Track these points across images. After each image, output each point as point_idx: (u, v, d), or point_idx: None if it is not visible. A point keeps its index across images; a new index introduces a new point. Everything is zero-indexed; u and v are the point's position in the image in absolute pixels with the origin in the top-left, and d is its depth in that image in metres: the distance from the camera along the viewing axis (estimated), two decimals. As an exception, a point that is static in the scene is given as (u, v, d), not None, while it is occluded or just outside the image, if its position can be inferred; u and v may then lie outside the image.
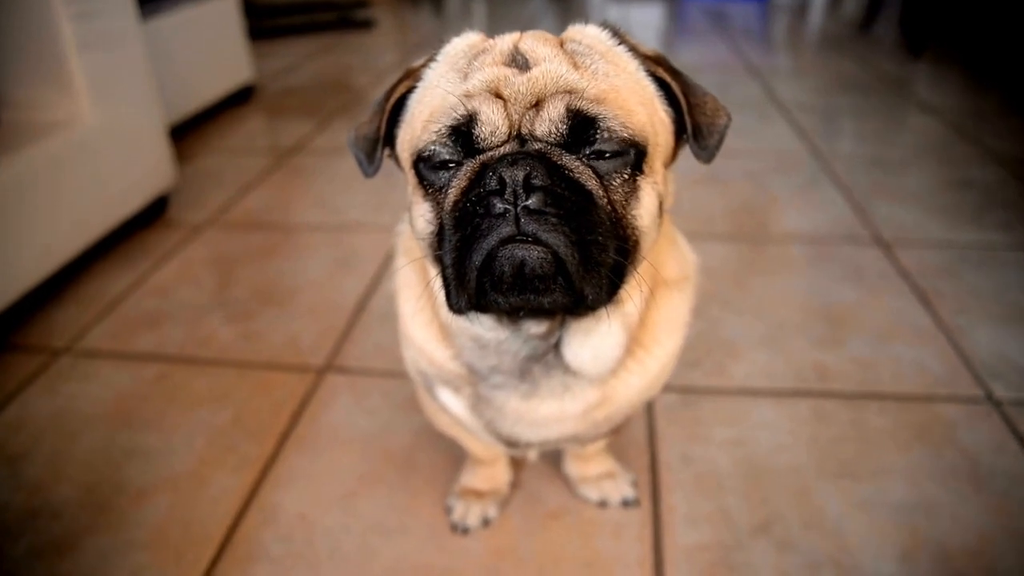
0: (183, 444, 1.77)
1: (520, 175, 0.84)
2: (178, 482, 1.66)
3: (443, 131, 0.91)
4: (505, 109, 0.90)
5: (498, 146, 0.91)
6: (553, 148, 0.90)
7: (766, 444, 1.74)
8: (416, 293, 1.19)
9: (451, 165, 0.93)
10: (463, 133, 0.91)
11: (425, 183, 0.96)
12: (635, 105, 0.94)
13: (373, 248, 2.65)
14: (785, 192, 3.05)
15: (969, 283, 2.36)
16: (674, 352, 1.22)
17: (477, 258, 0.86)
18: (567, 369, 1.11)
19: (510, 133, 0.90)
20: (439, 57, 1.03)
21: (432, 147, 0.92)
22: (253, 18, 5.74)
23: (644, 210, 0.95)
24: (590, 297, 0.89)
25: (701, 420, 1.82)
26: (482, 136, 0.90)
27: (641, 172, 0.94)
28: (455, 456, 1.70)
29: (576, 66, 0.93)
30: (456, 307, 0.93)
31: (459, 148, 0.92)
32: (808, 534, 1.51)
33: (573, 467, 1.62)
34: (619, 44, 1.02)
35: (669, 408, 1.85)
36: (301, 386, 1.96)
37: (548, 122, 0.90)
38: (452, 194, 0.90)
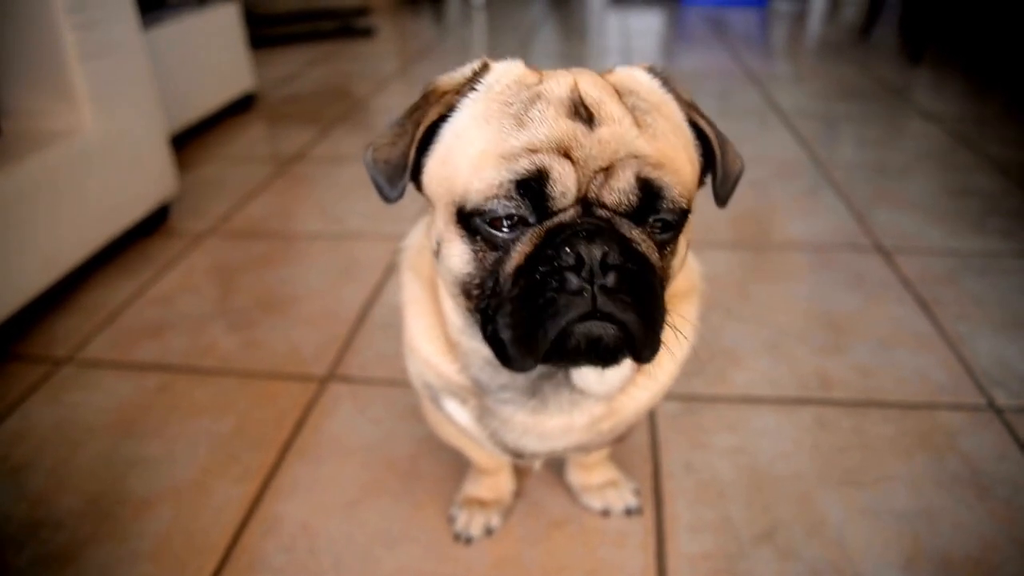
0: (185, 454, 1.77)
1: (598, 253, 0.83)
2: (180, 492, 1.67)
3: (507, 185, 0.85)
4: (574, 170, 0.86)
5: (564, 209, 0.87)
6: (620, 219, 0.88)
7: (768, 452, 1.74)
8: (424, 309, 1.18)
9: (507, 220, 0.88)
10: (529, 189, 0.85)
11: (469, 229, 0.91)
12: (684, 163, 0.94)
13: (375, 256, 2.65)
14: (786, 199, 3.05)
15: (970, 290, 2.36)
16: (682, 362, 1.23)
17: (551, 331, 0.85)
18: (576, 387, 1.11)
19: (577, 196, 0.87)
20: (479, 87, 0.95)
21: (491, 202, 0.86)
22: (254, 27, 5.75)
23: (679, 259, 0.97)
24: (647, 355, 0.91)
25: (703, 428, 1.82)
26: (552, 196, 0.86)
27: (683, 231, 0.95)
28: (458, 465, 1.70)
29: (639, 125, 0.89)
30: (513, 365, 0.92)
31: (522, 205, 0.86)
32: (810, 542, 1.50)
33: (576, 476, 1.63)
34: (666, 91, 0.99)
35: (671, 416, 1.85)
36: (303, 395, 1.96)
37: (618, 192, 0.87)
38: (515, 258, 0.87)
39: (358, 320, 2.28)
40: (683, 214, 0.91)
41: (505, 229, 0.88)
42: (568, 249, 0.83)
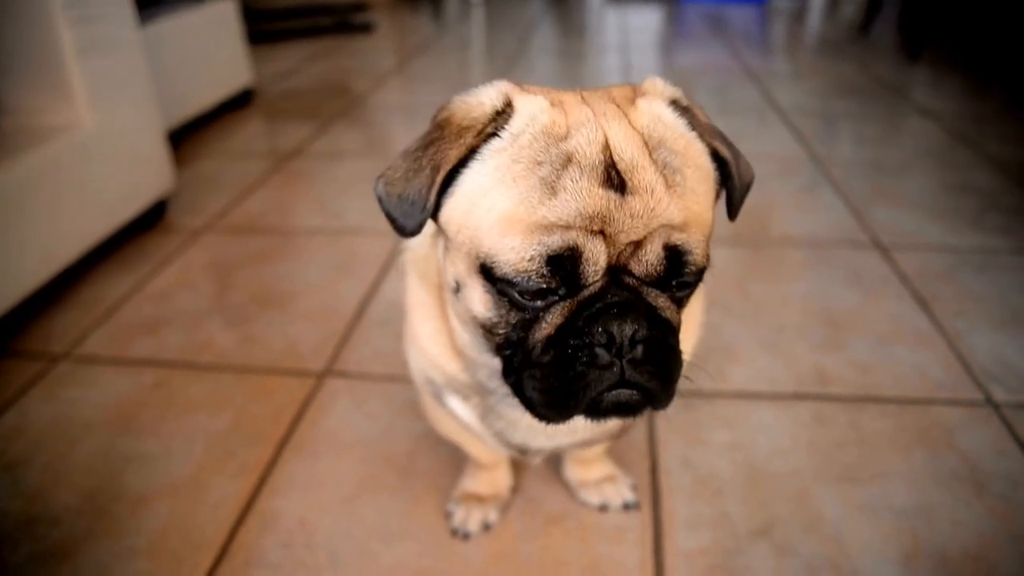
0: (182, 450, 1.77)
1: (629, 332, 0.85)
2: (177, 488, 1.66)
3: (538, 260, 0.84)
4: (605, 245, 0.85)
5: (594, 282, 0.87)
6: (647, 288, 0.89)
7: (766, 448, 1.74)
8: (431, 313, 1.16)
9: (531, 290, 0.88)
10: (561, 265, 0.85)
11: (494, 285, 0.90)
12: (707, 208, 0.93)
13: (373, 252, 2.65)
14: (784, 196, 3.05)
15: (968, 287, 2.36)
16: (689, 355, 1.23)
17: (581, 401, 0.89)
18: None
19: (607, 268, 0.87)
20: (503, 135, 0.90)
21: (521, 276, 0.85)
22: (252, 22, 5.74)
23: (695, 298, 0.99)
24: (664, 406, 0.94)
25: (701, 424, 1.82)
26: (585, 275, 0.86)
27: (701, 280, 0.96)
28: (456, 461, 1.70)
29: (669, 185, 0.87)
30: (540, 417, 0.95)
31: (553, 280, 0.86)
32: (808, 538, 1.50)
33: (573, 471, 1.62)
34: (691, 130, 0.96)
35: (669, 412, 1.85)
36: (301, 391, 1.96)
37: (646, 263, 0.87)
38: (545, 328, 0.89)
39: (356, 316, 2.27)
40: (703, 272, 0.92)
41: (534, 297, 0.89)
42: (600, 328, 0.85)
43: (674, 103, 0.98)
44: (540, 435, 1.19)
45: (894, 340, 2.11)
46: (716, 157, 0.98)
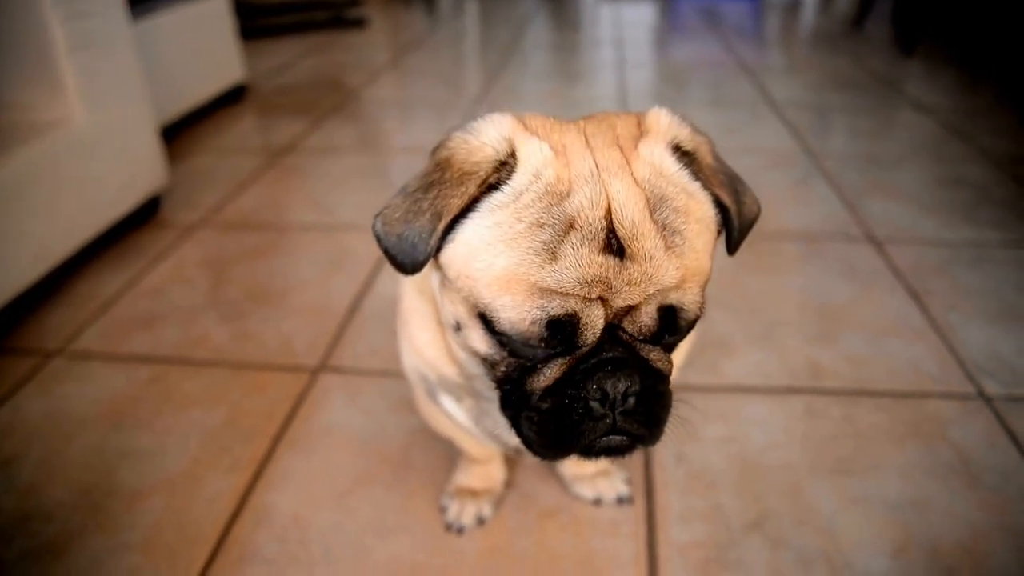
0: (177, 445, 1.77)
1: (621, 388, 0.90)
2: (172, 483, 1.66)
3: (539, 323, 0.86)
4: (603, 310, 0.87)
5: (591, 343, 0.90)
6: (640, 343, 0.92)
7: (759, 441, 1.75)
8: (428, 322, 1.17)
9: (531, 344, 0.90)
10: (560, 329, 0.87)
11: (493, 335, 0.92)
12: (706, 259, 0.93)
13: (367, 248, 2.65)
14: (778, 190, 3.06)
15: (961, 281, 2.37)
16: (685, 353, 1.24)
17: (575, 446, 0.95)
18: None
19: (603, 328, 0.89)
20: (505, 190, 0.89)
21: (520, 336, 0.88)
22: (245, 17, 5.72)
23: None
24: (652, 444, 1.00)
25: (694, 418, 1.82)
26: (583, 338, 0.89)
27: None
28: (450, 456, 1.70)
29: (667, 247, 0.87)
30: (535, 453, 1.00)
31: (550, 341, 0.89)
32: (801, 531, 1.51)
33: (567, 466, 1.63)
34: (694, 179, 0.95)
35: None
36: (295, 386, 1.96)
37: (640, 324, 0.90)
38: (543, 380, 0.92)
39: (350, 311, 2.27)
40: (695, 322, 0.94)
41: (531, 351, 0.92)
42: (595, 385, 0.89)
43: (677, 148, 0.96)
44: None
45: (887, 334, 2.12)
46: (719, 202, 0.97)
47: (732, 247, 1.04)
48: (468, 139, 0.94)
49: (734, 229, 1.00)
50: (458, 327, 0.98)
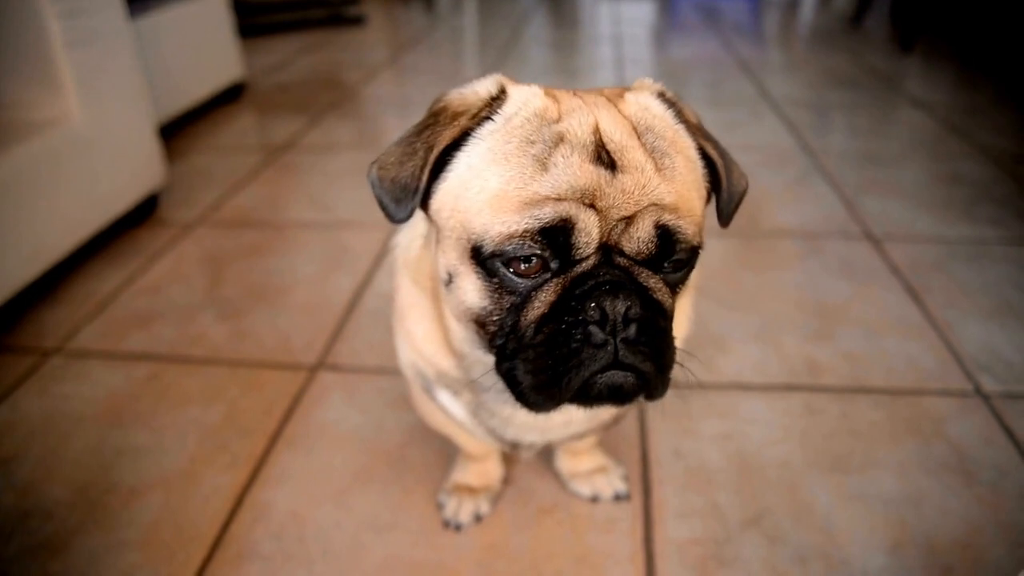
0: (174, 443, 1.77)
1: (621, 308, 0.85)
2: (170, 481, 1.66)
3: (532, 232, 0.85)
4: (598, 219, 0.86)
5: (586, 257, 0.88)
6: (639, 268, 0.90)
7: (757, 438, 1.75)
8: (425, 314, 1.16)
9: (526, 264, 0.88)
10: (553, 238, 0.85)
11: (487, 269, 0.90)
12: (696, 199, 0.94)
13: (365, 245, 2.65)
14: (776, 187, 3.06)
15: (959, 278, 2.37)
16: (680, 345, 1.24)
17: (574, 382, 0.88)
18: None
19: (599, 243, 0.87)
20: (496, 118, 0.92)
21: (513, 244, 0.85)
22: (243, 15, 5.72)
23: (687, 287, 0.99)
24: (659, 394, 0.95)
25: (692, 415, 1.82)
26: (577, 246, 0.86)
27: (693, 266, 0.96)
28: (447, 453, 1.70)
29: (659, 169, 0.89)
30: (531, 406, 0.94)
31: (546, 251, 0.86)
32: (798, 527, 1.51)
33: (564, 463, 1.63)
34: (678, 122, 0.98)
35: (660, 403, 1.85)
36: (293, 384, 1.96)
37: (637, 241, 0.88)
38: (538, 307, 0.88)
39: (348, 309, 2.27)
40: (695, 252, 0.93)
41: (526, 275, 0.88)
42: (594, 304, 0.85)
43: (661, 95, 1.00)
44: (533, 431, 1.20)
45: (885, 331, 2.12)
46: (705, 158, 0.99)
47: (723, 215, 1.04)
48: (462, 90, 0.98)
49: (724, 191, 1.01)
50: (450, 280, 0.96)
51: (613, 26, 6.49)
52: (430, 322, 1.16)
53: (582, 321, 0.86)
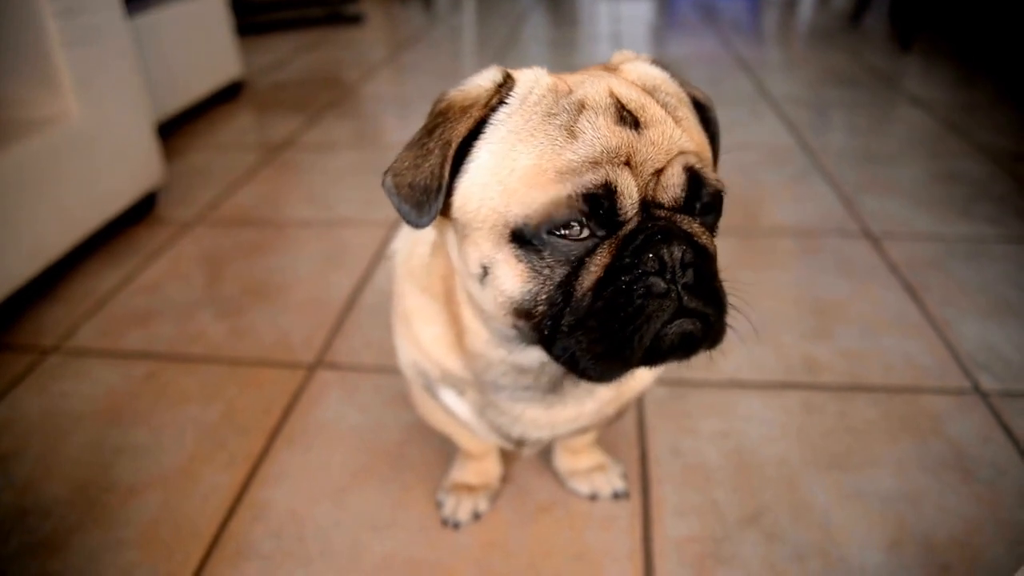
0: (173, 441, 1.77)
1: (678, 254, 0.85)
2: (168, 479, 1.66)
3: (576, 199, 0.84)
4: (634, 177, 0.86)
5: (630, 218, 0.87)
6: (678, 215, 0.90)
7: (755, 436, 1.75)
8: (433, 317, 1.16)
9: (572, 234, 0.87)
10: (597, 203, 0.85)
11: (530, 248, 0.88)
12: (707, 148, 0.97)
13: (364, 243, 2.65)
14: (775, 185, 3.06)
15: (957, 276, 2.37)
16: None
17: (646, 337, 0.87)
18: None
19: (640, 201, 0.87)
20: (511, 100, 0.92)
21: (562, 213, 0.84)
22: (241, 14, 5.71)
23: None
24: (719, 340, 0.95)
25: (690, 413, 1.82)
26: (622, 208, 0.86)
27: (720, 213, 0.97)
28: (446, 451, 1.71)
29: (676, 121, 0.91)
30: (597, 377, 0.93)
31: (591, 219, 0.86)
32: (796, 525, 1.51)
33: (563, 461, 1.63)
34: (672, 79, 1.02)
35: (659, 401, 1.86)
36: (291, 382, 1.96)
37: (671, 188, 0.88)
38: (594, 271, 0.87)
39: (346, 307, 2.27)
40: (719, 197, 0.94)
41: (578, 240, 0.87)
42: (651, 255, 0.84)
43: (656, 63, 1.04)
44: (541, 427, 1.20)
45: (883, 329, 2.12)
46: (696, 105, 1.04)
47: (714, 155, 1.06)
48: (463, 87, 0.98)
49: (717, 134, 1.05)
50: (485, 273, 0.93)
51: (612, 24, 6.49)
52: (440, 326, 1.16)
53: (642, 275, 0.85)
